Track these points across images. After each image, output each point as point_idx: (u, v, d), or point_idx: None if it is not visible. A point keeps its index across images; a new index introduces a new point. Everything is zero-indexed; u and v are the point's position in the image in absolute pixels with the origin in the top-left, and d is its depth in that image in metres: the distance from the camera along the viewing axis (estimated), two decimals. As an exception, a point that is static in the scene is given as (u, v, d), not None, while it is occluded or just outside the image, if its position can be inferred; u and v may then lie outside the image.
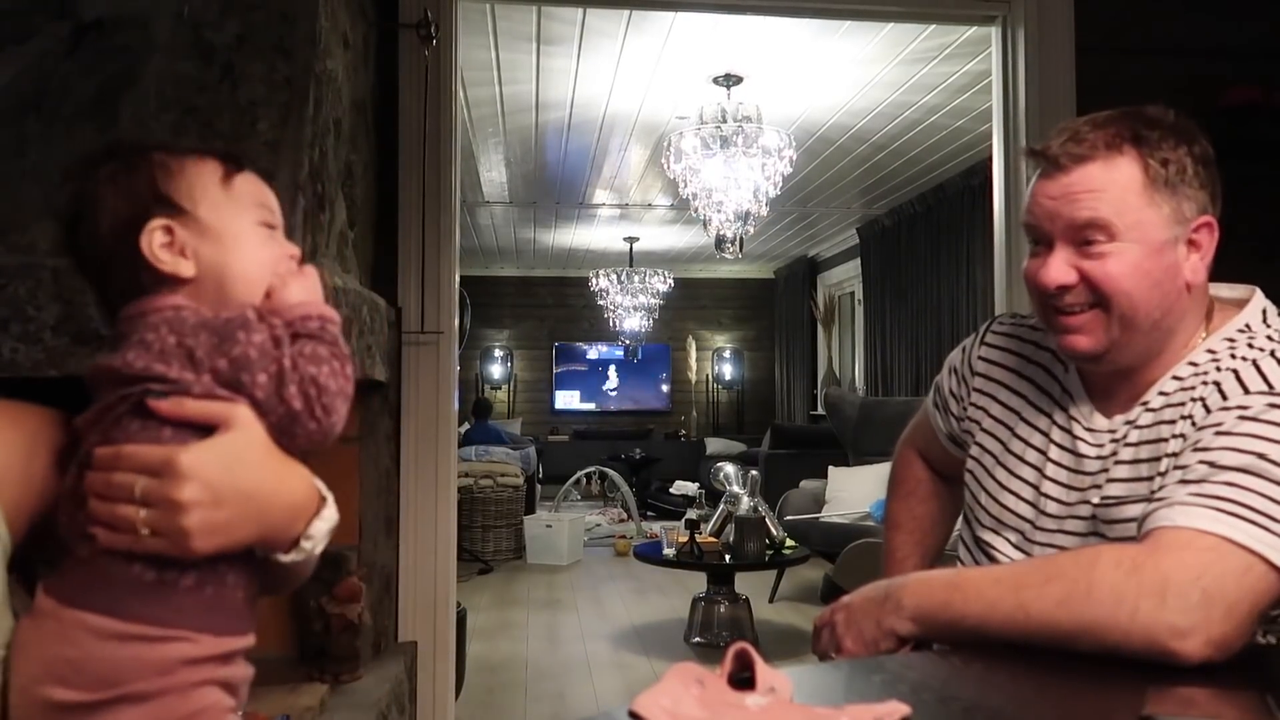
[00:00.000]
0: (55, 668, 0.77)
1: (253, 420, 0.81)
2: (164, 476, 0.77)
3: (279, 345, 0.83)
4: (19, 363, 1.52)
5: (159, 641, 0.78)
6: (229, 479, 0.79)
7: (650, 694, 0.74)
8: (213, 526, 0.78)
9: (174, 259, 0.85)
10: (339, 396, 0.84)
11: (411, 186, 2.46)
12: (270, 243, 0.90)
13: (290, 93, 1.73)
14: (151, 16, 1.73)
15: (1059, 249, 1.11)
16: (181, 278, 0.85)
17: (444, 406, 2.51)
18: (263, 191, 0.91)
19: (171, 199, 0.86)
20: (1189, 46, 2.68)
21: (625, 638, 4.54)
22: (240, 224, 0.88)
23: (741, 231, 4.94)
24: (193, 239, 0.85)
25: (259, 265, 0.88)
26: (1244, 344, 1.10)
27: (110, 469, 0.79)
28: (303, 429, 0.83)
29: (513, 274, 10.62)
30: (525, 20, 3.75)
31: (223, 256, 0.86)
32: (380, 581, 2.37)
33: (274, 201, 0.93)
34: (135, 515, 0.77)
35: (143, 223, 0.85)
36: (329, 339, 0.85)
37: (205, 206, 0.86)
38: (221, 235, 0.86)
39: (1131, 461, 1.11)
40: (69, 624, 0.77)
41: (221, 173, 0.89)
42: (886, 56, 4.11)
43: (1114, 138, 1.09)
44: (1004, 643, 0.98)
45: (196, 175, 0.88)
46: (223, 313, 0.83)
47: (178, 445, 0.79)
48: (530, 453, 8.07)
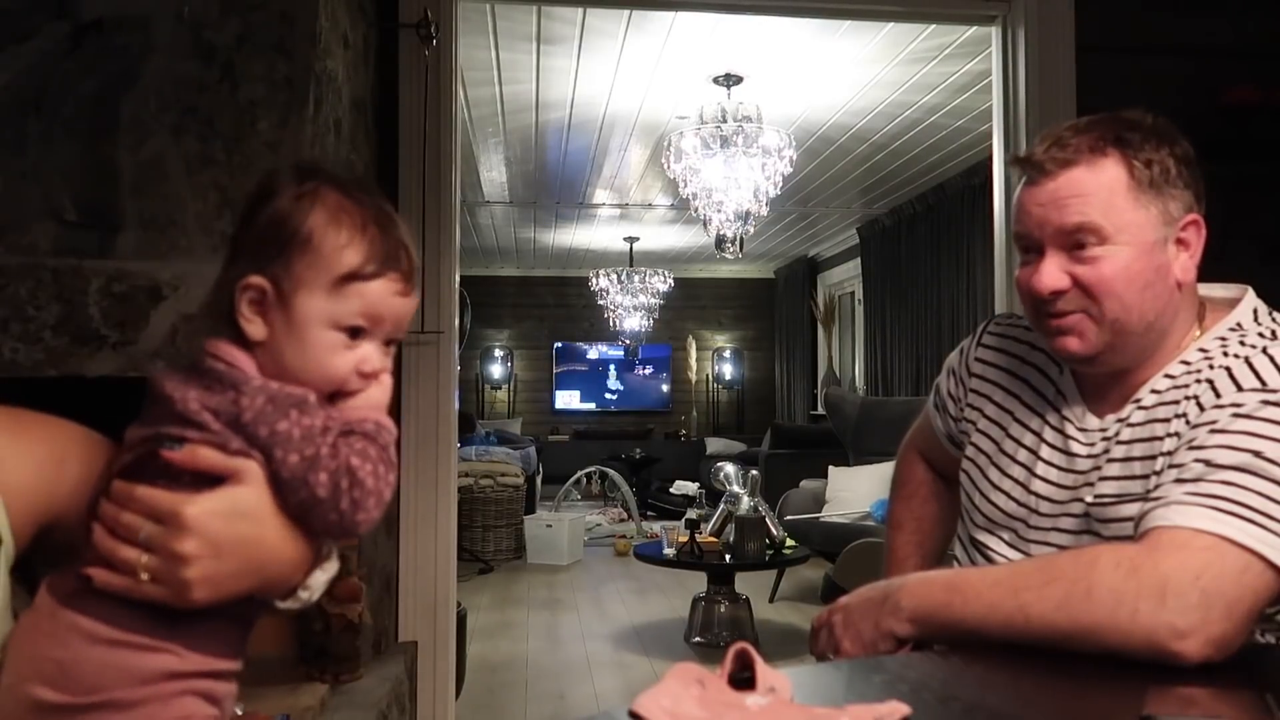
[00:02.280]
0: (44, 667, 0.77)
1: (261, 476, 0.81)
2: (169, 526, 0.78)
3: (325, 434, 0.82)
4: (19, 363, 1.52)
5: (147, 651, 0.78)
6: (232, 532, 0.80)
7: (650, 694, 0.74)
8: (213, 578, 0.79)
9: (253, 319, 0.84)
10: (373, 496, 0.83)
11: (411, 186, 2.46)
12: (343, 353, 0.86)
13: (290, 93, 1.73)
14: (151, 16, 1.73)
15: (1050, 255, 1.11)
16: (251, 339, 0.85)
17: (444, 406, 2.51)
18: (379, 303, 0.86)
19: (282, 273, 0.84)
20: (1189, 46, 2.68)
21: (625, 638, 4.54)
22: (318, 327, 0.85)
23: (741, 231, 4.94)
24: (275, 311, 0.84)
25: (316, 371, 0.85)
26: (1236, 342, 1.10)
27: (123, 505, 0.80)
28: (321, 519, 0.82)
29: (513, 274, 10.62)
30: (525, 20, 3.75)
31: (286, 344, 0.85)
32: (380, 581, 2.38)
33: (393, 315, 0.88)
34: (137, 559, 0.78)
35: (256, 269, 0.84)
36: (381, 442, 0.84)
37: (303, 294, 0.84)
38: (294, 326, 0.84)
39: (1124, 459, 1.12)
40: (63, 625, 0.78)
41: (356, 270, 0.85)
42: (886, 56, 4.11)
43: (1097, 141, 1.10)
44: (1004, 643, 0.98)
45: (327, 260, 0.84)
46: (286, 386, 0.83)
47: (187, 494, 0.79)
48: (530, 453, 8.07)
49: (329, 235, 0.84)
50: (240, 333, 0.84)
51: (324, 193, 0.85)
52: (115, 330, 1.59)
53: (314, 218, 0.84)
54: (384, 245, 0.86)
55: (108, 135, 1.68)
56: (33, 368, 1.53)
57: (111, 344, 1.58)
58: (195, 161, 1.69)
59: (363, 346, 0.86)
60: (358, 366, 0.86)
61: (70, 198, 1.65)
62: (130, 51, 1.72)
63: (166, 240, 1.66)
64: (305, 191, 0.85)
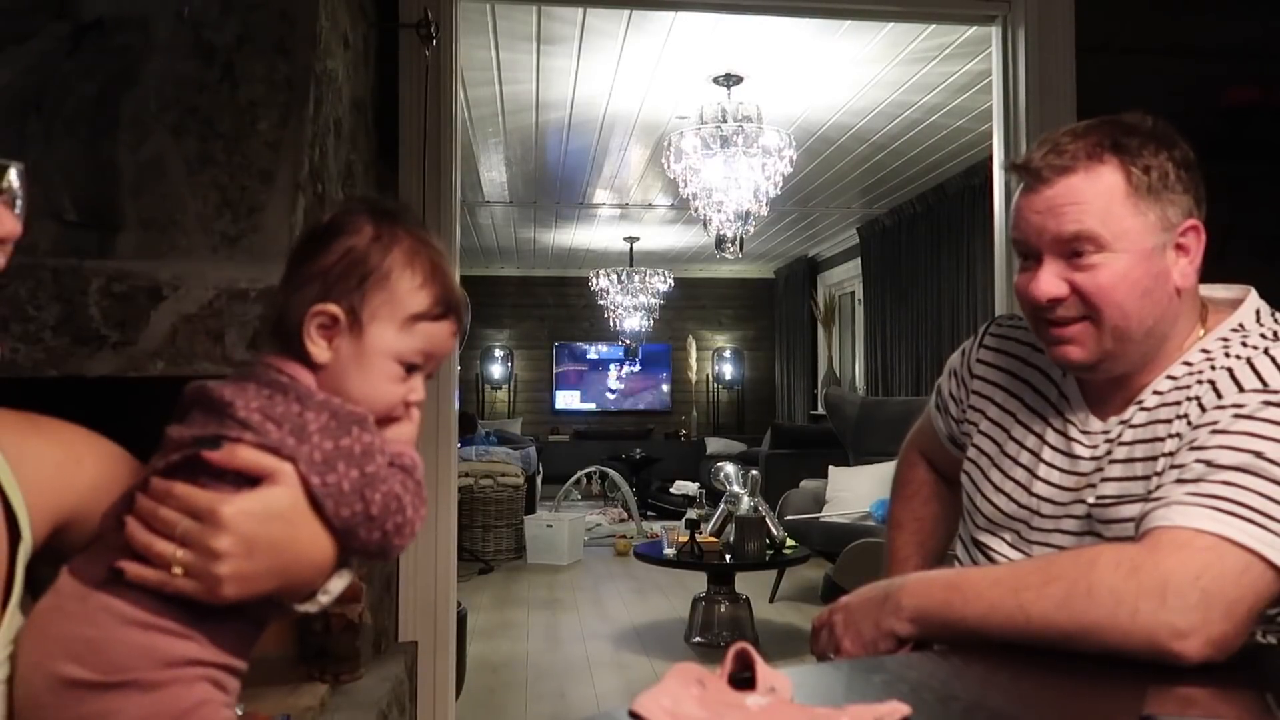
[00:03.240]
0: (73, 646, 0.80)
1: (296, 479, 0.84)
2: (205, 523, 0.81)
3: (382, 454, 0.87)
4: (19, 363, 1.52)
5: (175, 636, 0.81)
6: (265, 533, 0.82)
7: (651, 694, 0.74)
8: (243, 576, 0.82)
9: (319, 343, 0.89)
10: (407, 526, 0.88)
11: (411, 186, 2.46)
12: (398, 383, 0.92)
13: (290, 93, 1.73)
14: (151, 16, 1.73)
15: (1048, 262, 1.11)
16: (314, 361, 0.89)
17: (444, 406, 2.51)
18: (437, 342, 0.93)
19: (358, 305, 0.89)
20: (1189, 46, 2.68)
21: (625, 638, 4.54)
22: (385, 357, 0.90)
23: (741, 231, 4.94)
24: (344, 338, 0.89)
25: (374, 396, 0.90)
26: (1238, 343, 1.10)
27: (160, 501, 0.82)
28: (366, 535, 0.86)
29: (513, 274, 10.62)
30: (525, 20, 3.75)
31: (351, 369, 0.89)
32: (380, 581, 2.38)
33: (443, 354, 0.95)
34: (172, 553, 0.80)
35: (329, 297, 0.88)
36: (416, 478, 0.90)
37: (376, 326, 0.89)
38: (362, 355, 0.89)
39: (1126, 461, 1.12)
40: (94, 606, 0.81)
41: (425, 311, 0.91)
42: (886, 56, 4.11)
43: (1094, 147, 1.09)
44: (1004, 643, 0.98)
45: (401, 299, 0.90)
46: (348, 404, 0.88)
47: (225, 493, 0.82)
48: (530, 453, 8.07)
49: (405, 277, 0.90)
50: (299, 352, 0.89)
51: (401, 235, 0.91)
52: (115, 330, 1.59)
53: (392, 259, 0.90)
54: (448, 291, 0.93)
55: (108, 135, 1.68)
56: (33, 368, 1.53)
57: (112, 344, 1.58)
58: (195, 161, 1.69)
59: (414, 379, 0.93)
60: (406, 396, 0.92)
61: (70, 198, 1.65)
62: (130, 51, 1.72)
63: (166, 240, 1.66)
64: (384, 232, 0.91)
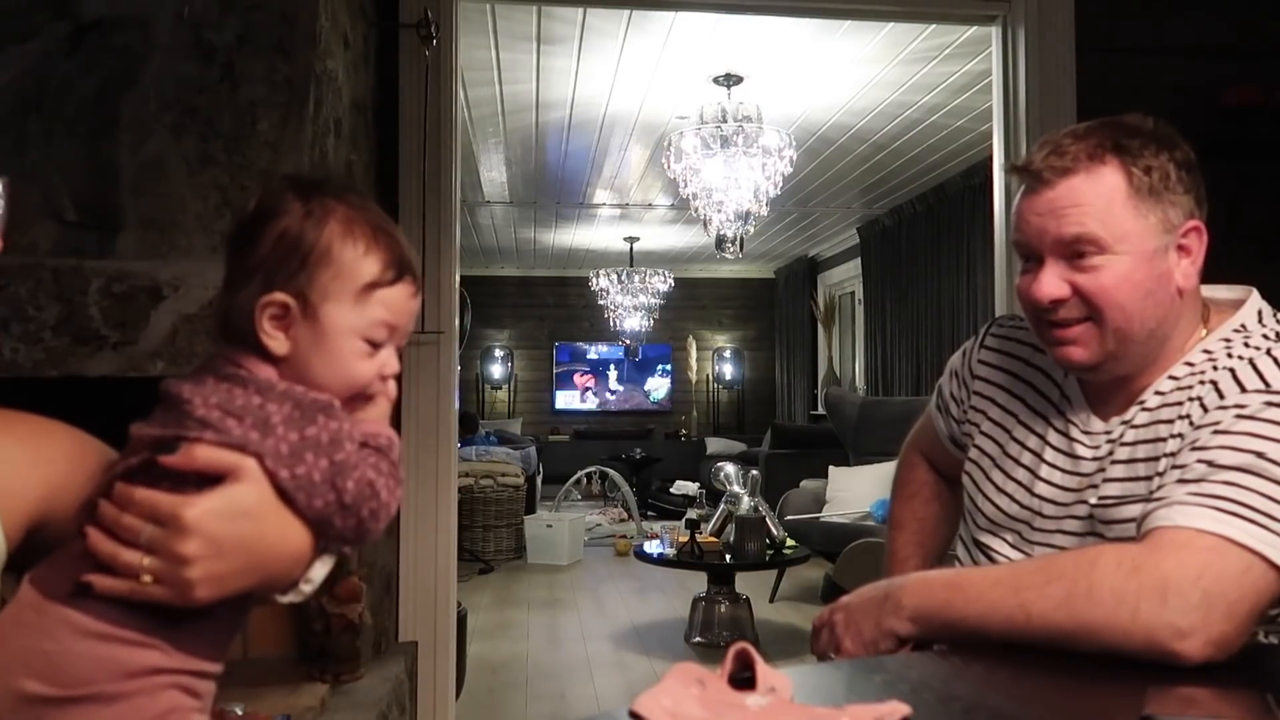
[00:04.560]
0: (31, 660, 0.77)
1: (260, 474, 0.82)
2: (170, 528, 0.78)
3: (350, 439, 0.84)
4: (19, 363, 1.52)
5: (135, 646, 0.79)
6: (233, 531, 0.80)
7: (651, 694, 0.74)
8: (216, 577, 0.79)
9: (275, 335, 0.85)
10: (384, 509, 0.85)
11: (411, 186, 2.46)
12: (366, 360, 0.88)
13: (290, 93, 1.73)
14: (151, 16, 1.73)
15: (1050, 263, 1.11)
16: (273, 354, 0.85)
17: (444, 406, 2.51)
18: (399, 308, 0.89)
19: (306, 288, 0.85)
20: (1189, 46, 2.68)
21: (625, 638, 4.54)
22: (347, 336, 0.87)
23: (742, 231, 4.93)
24: (299, 326, 0.85)
25: (343, 378, 0.87)
26: (1240, 343, 1.10)
27: (123, 508, 0.80)
28: (341, 523, 0.84)
29: (513, 274, 10.61)
30: (525, 20, 3.75)
31: (313, 355, 0.86)
32: (380, 581, 2.38)
33: (407, 319, 0.91)
34: (139, 562, 0.78)
35: (273, 286, 0.85)
36: (391, 458, 0.87)
37: (329, 305, 0.85)
38: (322, 338, 0.86)
39: (1128, 461, 1.12)
40: (52, 618, 0.78)
41: (377, 279, 0.87)
42: (886, 56, 4.11)
43: (1095, 149, 1.09)
44: (1004, 643, 0.98)
45: (348, 271, 0.86)
46: (311, 392, 0.84)
47: (188, 496, 0.80)
48: (530, 453, 8.07)
49: (346, 247, 0.86)
50: (257, 349, 0.85)
51: (331, 205, 0.87)
52: (115, 330, 1.59)
53: (328, 231, 0.86)
54: (396, 251, 0.88)
55: (108, 135, 1.68)
56: (33, 368, 1.53)
57: (112, 344, 1.58)
58: (195, 161, 1.69)
59: (383, 352, 0.89)
60: (379, 371, 0.89)
61: (70, 198, 1.65)
62: (130, 51, 1.72)
63: (166, 240, 1.66)
64: (313, 207, 0.86)
